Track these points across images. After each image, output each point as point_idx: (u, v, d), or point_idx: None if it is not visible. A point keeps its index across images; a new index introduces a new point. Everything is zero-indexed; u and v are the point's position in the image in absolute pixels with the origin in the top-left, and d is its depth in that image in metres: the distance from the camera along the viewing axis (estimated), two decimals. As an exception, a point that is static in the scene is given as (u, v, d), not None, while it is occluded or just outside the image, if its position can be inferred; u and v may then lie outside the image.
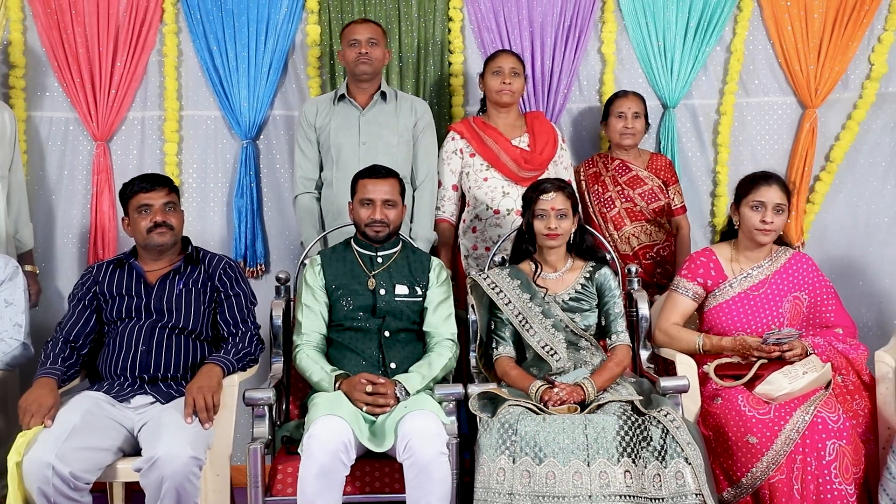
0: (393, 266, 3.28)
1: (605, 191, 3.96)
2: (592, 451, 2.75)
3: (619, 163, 3.99)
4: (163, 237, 3.16)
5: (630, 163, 3.99)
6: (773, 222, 3.28)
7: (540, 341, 3.15)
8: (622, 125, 3.93)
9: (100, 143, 4.07)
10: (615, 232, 3.93)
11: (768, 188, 3.30)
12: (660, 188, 3.96)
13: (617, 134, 3.95)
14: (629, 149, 3.99)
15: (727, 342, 3.26)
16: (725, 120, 4.22)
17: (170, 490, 2.72)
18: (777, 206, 3.28)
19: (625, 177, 3.97)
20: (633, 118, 3.93)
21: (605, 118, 4.01)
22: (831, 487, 2.89)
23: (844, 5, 4.15)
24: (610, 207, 3.95)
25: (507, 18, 4.14)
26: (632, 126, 3.93)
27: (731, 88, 4.21)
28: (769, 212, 3.28)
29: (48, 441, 2.72)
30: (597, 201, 3.97)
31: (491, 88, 3.81)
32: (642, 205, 3.94)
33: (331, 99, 3.85)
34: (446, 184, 3.87)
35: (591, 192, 3.98)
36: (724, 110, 4.22)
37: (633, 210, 3.94)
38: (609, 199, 3.95)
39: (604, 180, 3.97)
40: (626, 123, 3.92)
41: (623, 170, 3.97)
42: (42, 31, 4.03)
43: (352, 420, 2.84)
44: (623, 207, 3.94)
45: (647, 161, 4.03)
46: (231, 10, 4.06)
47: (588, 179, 4.00)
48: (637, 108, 3.95)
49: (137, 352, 3.06)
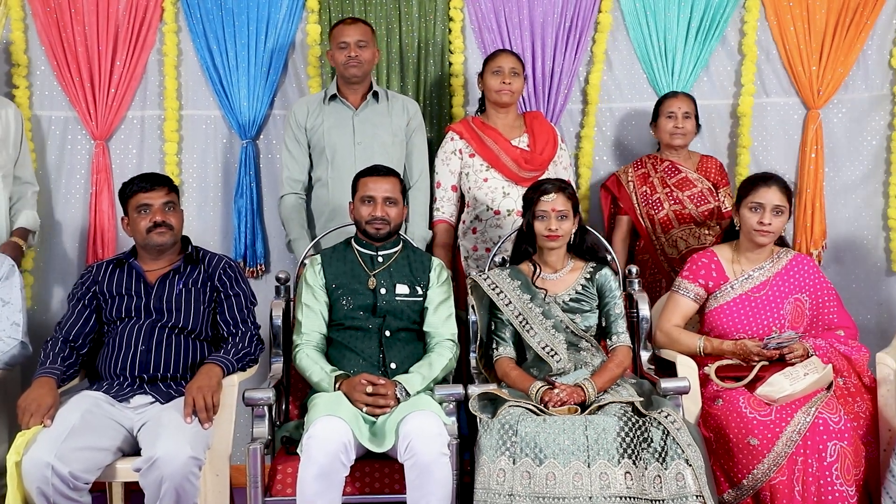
0: (393, 265, 3.28)
1: (653, 192, 3.90)
2: (593, 452, 2.75)
3: (669, 164, 3.94)
4: (162, 237, 3.15)
5: (680, 164, 3.93)
6: (770, 224, 3.27)
7: (540, 342, 3.15)
8: (672, 125, 3.87)
9: (99, 143, 4.06)
10: (662, 235, 3.89)
11: (767, 190, 3.29)
12: (710, 191, 3.90)
13: (667, 134, 3.89)
14: (679, 150, 3.93)
15: (728, 346, 3.25)
16: (745, 121, 4.19)
17: (169, 490, 2.72)
18: (776, 208, 3.27)
19: (674, 178, 3.92)
20: (683, 118, 3.87)
21: (654, 119, 3.96)
22: (832, 489, 2.89)
23: (846, 8, 4.14)
24: (658, 209, 3.90)
25: (508, 18, 4.14)
26: (682, 126, 3.87)
27: (750, 90, 4.18)
28: (767, 213, 3.27)
29: (47, 441, 2.72)
30: (644, 203, 3.91)
31: (490, 88, 3.80)
32: (691, 207, 3.88)
33: (321, 99, 3.84)
34: (445, 184, 3.86)
35: (638, 193, 3.92)
36: (742, 112, 4.20)
37: (681, 213, 3.88)
38: (657, 200, 3.90)
39: (652, 181, 3.92)
40: (676, 123, 3.87)
41: (672, 171, 3.93)
42: (41, 29, 4.02)
43: (351, 421, 2.84)
44: (671, 209, 3.88)
45: (697, 163, 3.98)
46: (231, 10, 4.06)
47: (636, 180, 3.94)
48: (687, 107, 3.89)
49: (137, 351, 3.05)
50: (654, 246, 3.89)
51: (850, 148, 4.24)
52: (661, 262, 3.87)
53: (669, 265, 3.83)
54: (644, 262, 3.91)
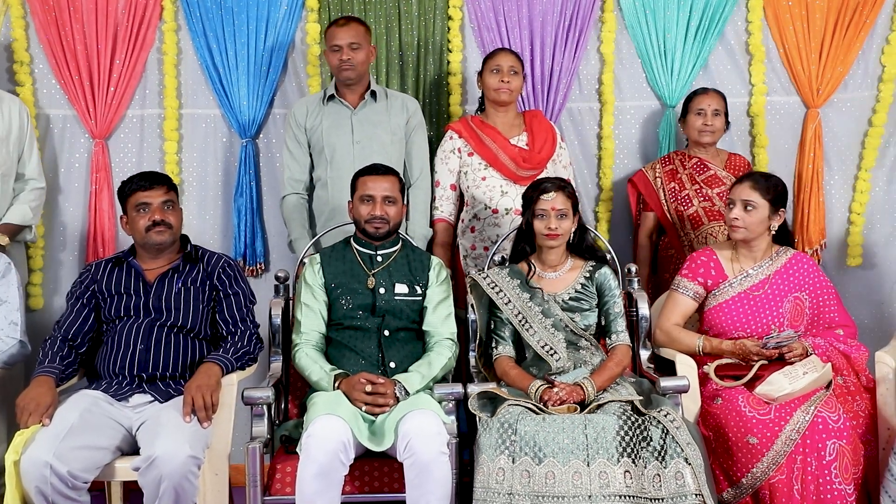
0: (392, 265, 3.27)
1: (681, 189, 3.89)
2: (592, 451, 2.74)
3: (697, 161, 3.92)
4: (161, 236, 3.14)
5: (708, 161, 3.92)
6: (737, 218, 3.28)
7: (539, 341, 3.15)
8: (701, 122, 3.86)
9: (98, 141, 4.06)
10: (692, 231, 3.86)
11: (739, 185, 3.32)
12: None
13: (696, 131, 3.87)
14: (707, 147, 3.91)
15: (727, 346, 3.25)
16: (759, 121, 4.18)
17: (168, 489, 2.72)
18: (745, 203, 3.28)
19: (703, 175, 3.90)
20: (712, 115, 3.85)
21: (683, 115, 3.95)
22: (831, 487, 2.89)
23: (845, 7, 4.14)
24: (687, 206, 3.88)
25: (507, 17, 4.13)
26: (711, 123, 3.85)
27: (761, 90, 4.17)
28: (737, 207, 3.29)
29: (46, 440, 2.72)
30: (673, 199, 3.90)
31: (489, 87, 3.79)
32: (720, 204, 3.84)
33: (320, 99, 3.84)
34: (444, 183, 3.85)
35: (666, 189, 3.91)
36: (755, 111, 4.19)
37: (710, 209, 3.86)
38: (686, 197, 3.89)
39: (681, 178, 3.91)
40: (705, 120, 3.85)
41: (701, 168, 3.91)
42: (40, 28, 4.02)
43: (351, 419, 2.83)
44: (701, 206, 3.87)
45: (725, 160, 3.96)
46: (231, 8, 4.05)
47: (664, 176, 3.93)
48: (717, 105, 3.87)
49: (136, 350, 3.05)
50: (681, 242, 3.88)
51: (849, 146, 4.24)
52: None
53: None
54: (668, 258, 3.92)
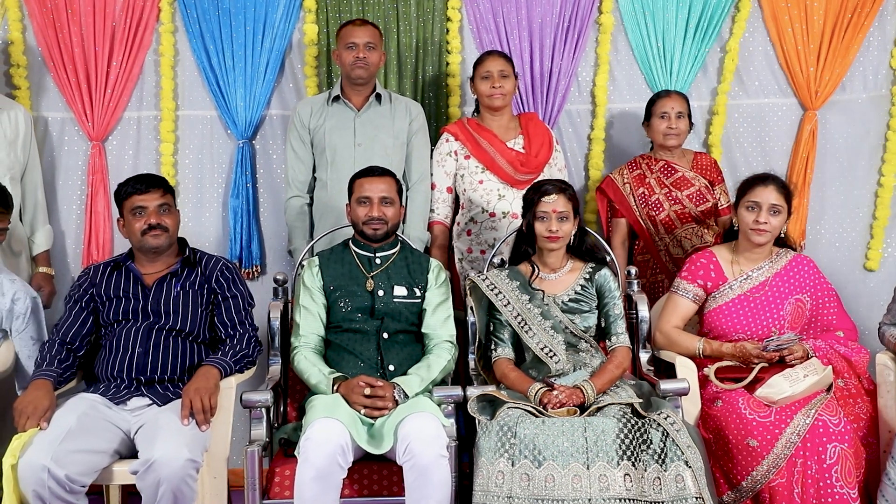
0: (391, 267, 3.26)
1: (651, 193, 3.86)
2: (592, 453, 2.74)
3: (664, 164, 3.90)
4: (157, 239, 3.13)
5: (675, 163, 3.90)
6: (767, 223, 3.26)
7: (539, 343, 3.14)
8: (666, 125, 3.82)
9: (95, 143, 4.04)
10: (666, 235, 3.84)
11: (764, 188, 3.28)
12: (706, 188, 3.87)
13: (661, 135, 3.84)
14: (673, 149, 3.90)
15: (727, 348, 3.25)
16: (718, 120, 4.19)
17: (166, 492, 2.71)
18: (773, 207, 3.26)
19: (671, 178, 3.88)
20: (676, 118, 3.82)
21: (646, 119, 3.93)
22: (832, 491, 2.88)
23: (844, 9, 4.14)
24: (658, 210, 3.85)
25: (506, 19, 4.12)
26: (675, 126, 3.82)
27: (724, 88, 4.18)
28: (764, 212, 3.26)
29: (44, 443, 2.71)
30: (643, 204, 3.87)
31: (482, 93, 3.78)
32: (691, 206, 3.84)
33: (325, 100, 3.83)
34: (440, 186, 3.84)
35: (636, 194, 3.88)
36: (716, 110, 4.19)
37: (682, 212, 3.84)
38: (657, 201, 3.86)
39: (649, 182, 3.88)
40: (669, 123, 3.82)
41: (668, 171, 3.89)
42: (38, 30, 4.00)
43: (349, 423, 2.83)
44: (672, 210, 3.84)
45: (691, 161, 3.94)
46: (228, 10, 4.04)
47: (633, 182, 3.90)
48: (680, 107, 3.85)
49: (134, 354, 3.04)
50: (656, 246, 3.86)
51: (847, 149, 4.24)
52: (665, 263, 3.84)
53: (674, 265, 3.78)
54: (645, 263, 3.89)
